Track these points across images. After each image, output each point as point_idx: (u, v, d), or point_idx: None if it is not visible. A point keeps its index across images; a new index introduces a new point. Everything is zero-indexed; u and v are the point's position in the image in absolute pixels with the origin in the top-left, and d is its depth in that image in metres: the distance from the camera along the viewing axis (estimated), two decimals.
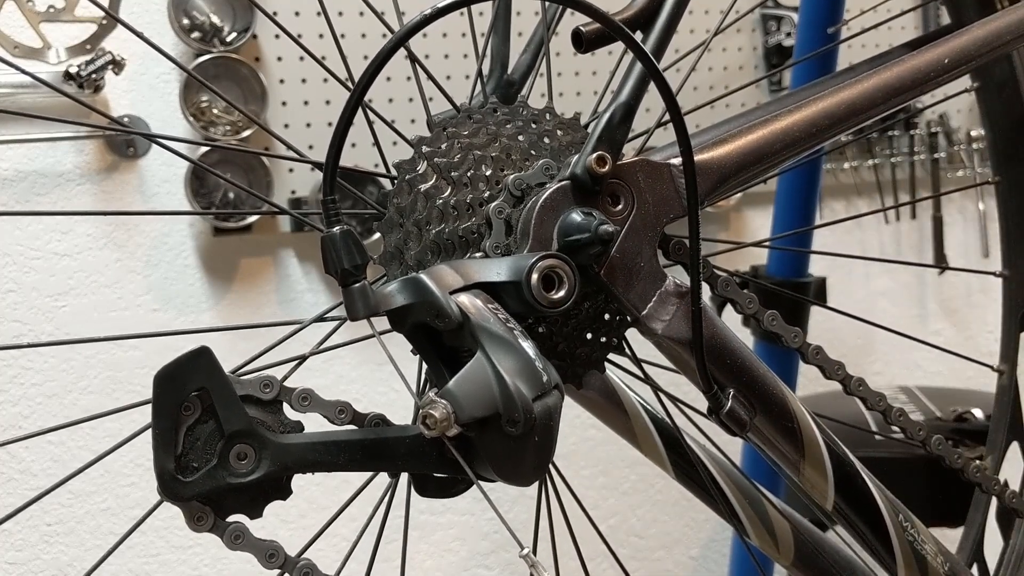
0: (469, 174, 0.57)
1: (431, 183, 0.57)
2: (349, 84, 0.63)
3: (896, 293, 2.27)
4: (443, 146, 0.58)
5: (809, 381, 1.66)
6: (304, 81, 1.68)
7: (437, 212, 0.56)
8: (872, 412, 0.70)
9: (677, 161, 0.56)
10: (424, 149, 0.58)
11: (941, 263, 2.18)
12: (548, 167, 0.56)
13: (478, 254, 0.55)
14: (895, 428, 0.70)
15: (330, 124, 1.66)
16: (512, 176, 0.56)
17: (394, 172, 0.59)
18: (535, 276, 0.48)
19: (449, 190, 0.57)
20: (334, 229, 0.44)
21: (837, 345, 2.14)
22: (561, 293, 0.48)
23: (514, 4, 0.72)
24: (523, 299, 0.48)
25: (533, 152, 0.59)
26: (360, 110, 0.64)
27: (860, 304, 2.21)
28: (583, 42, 0.56)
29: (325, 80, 1.66)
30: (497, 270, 0.48)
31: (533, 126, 0.61)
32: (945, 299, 2.30)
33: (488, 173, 0.57)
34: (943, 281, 2.29)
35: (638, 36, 0.58)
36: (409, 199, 0.57)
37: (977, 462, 0.74)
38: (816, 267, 1.56)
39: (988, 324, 2.32)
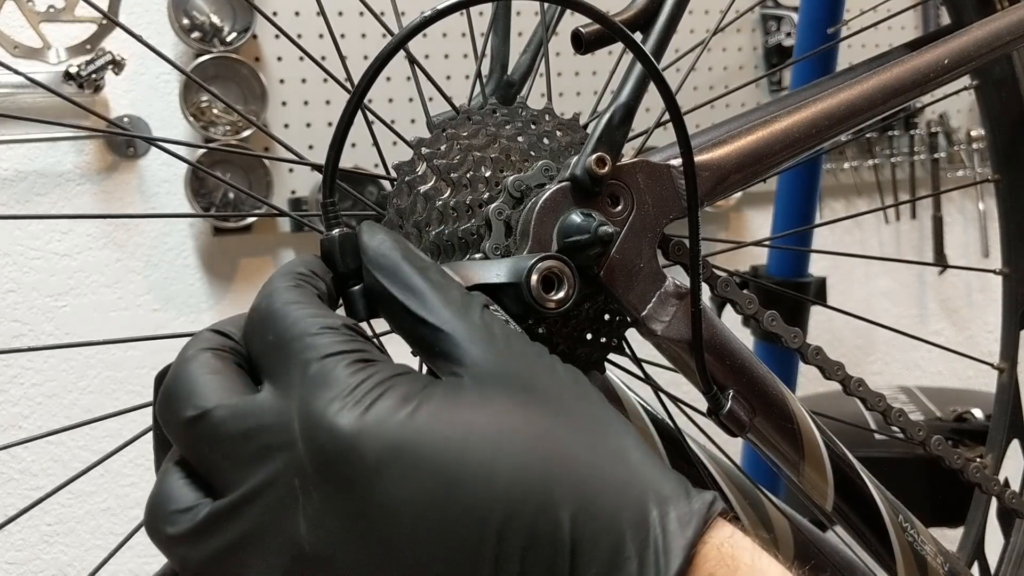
0: (468, 175, 0.57)
1: (430, 184, 0.57)
2: (348, 85, 0.63)
3: (896, 293, 2.27)
4: (442, 147, 0.58)
5: (809, 381, 1.66)
6: (304, 81, 1.68)
7: (437, 214, 0.56)
8: (872, 412, 0.70)
9: (677, 162, 0.56)
10: (423, 151, 0.58)
11: (941, 263, 2.18)
12: (547, 168, 0.56)
13: (477, 255, 0.55)
14: (895, 428, 0.70)
15: (330, 124, 1.66)
16: (512, 177, 0.56)
17: (394, 174, 0.59)
18: (535, 277, 0.47)
19: (448, 191, 0.57)
20: (333, 232, 0.44)
21: (837, 345, 2.15)
22: (561, 294, 0.48)
23: (514, 5, 0.72)
24: (523, 300, 0.47)
25: (533, 153, 0.59)
26: (360, 111, 0.64)
27: (860, 304, 2.21)
28: (582, 43, 0.56)
29: (325, 80, 1.66)
30: (496, 272, 0.48)
31: (533, 127, 0.61)
32: (945, 299, 2.30)
33: (488, 174, 0.57)
34: (943, 281, 2.29)
35: (638, 37, 0.57)
36: (409, 200, 0.57)
37: (977, 461, 0.74)
38: (816, 267, 1.57)
39: (988, 324, 2.32)
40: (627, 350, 0.62)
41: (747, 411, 0.58)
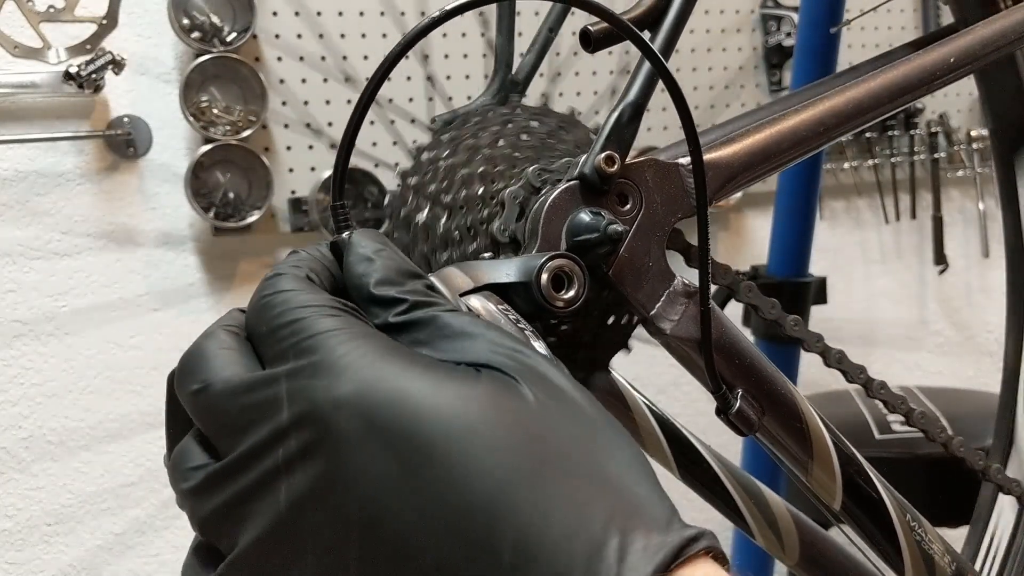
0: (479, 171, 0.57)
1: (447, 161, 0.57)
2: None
3: (896, 293, 2.27)
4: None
5: (807, 381, 1.66)
6: (304, 81, 1.68)
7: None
8: (894, 414, 0.70)
9: (685, 160, 0.56)
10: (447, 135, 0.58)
11: (941, 262, 2.19)
12: (570, 165, 0.56)
13: (487, 255, 0.55)
14: (916, 430, 0.69)
15: (330, 124, 1.66)
16: (532, 167, 0.56)
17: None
18: (545, 276, 0.47)
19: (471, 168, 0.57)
20: (344, 235, 0.44)
21: (837, 344, 2.15)
22: (571, 293, 0.48)
23: (527, 5, 0.71)
24: (533, 300, 0.47)
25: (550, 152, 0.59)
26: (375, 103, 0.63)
27: (860, 304, 2.21)
28: (591, 41, 0.56)
29: (325, 80, 1.66)
30: (507, 271, 0.48)
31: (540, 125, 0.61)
32: (946, 299, 2.30)
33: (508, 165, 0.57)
34: (943, 281, 2.29)
35: (646, 35, 0.57)
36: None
37: (997, 465, 0.74)
38: (816, 267, 1.57)
39: (989, 324, 2.32)
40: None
41: (756, 410, 0.58)
